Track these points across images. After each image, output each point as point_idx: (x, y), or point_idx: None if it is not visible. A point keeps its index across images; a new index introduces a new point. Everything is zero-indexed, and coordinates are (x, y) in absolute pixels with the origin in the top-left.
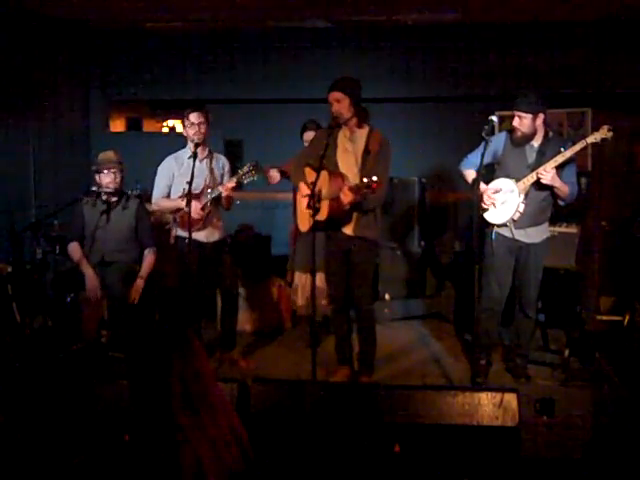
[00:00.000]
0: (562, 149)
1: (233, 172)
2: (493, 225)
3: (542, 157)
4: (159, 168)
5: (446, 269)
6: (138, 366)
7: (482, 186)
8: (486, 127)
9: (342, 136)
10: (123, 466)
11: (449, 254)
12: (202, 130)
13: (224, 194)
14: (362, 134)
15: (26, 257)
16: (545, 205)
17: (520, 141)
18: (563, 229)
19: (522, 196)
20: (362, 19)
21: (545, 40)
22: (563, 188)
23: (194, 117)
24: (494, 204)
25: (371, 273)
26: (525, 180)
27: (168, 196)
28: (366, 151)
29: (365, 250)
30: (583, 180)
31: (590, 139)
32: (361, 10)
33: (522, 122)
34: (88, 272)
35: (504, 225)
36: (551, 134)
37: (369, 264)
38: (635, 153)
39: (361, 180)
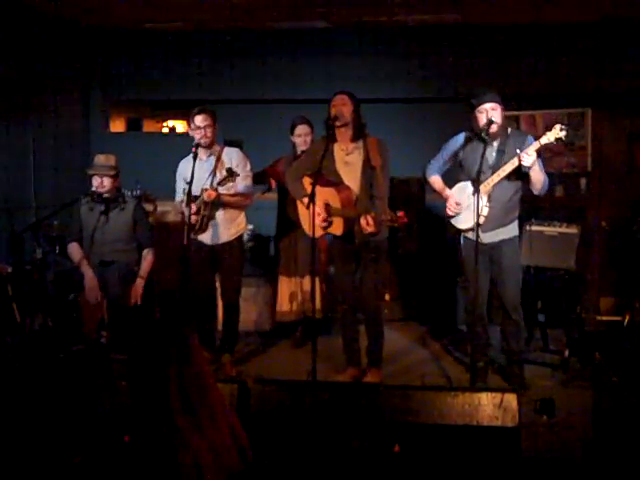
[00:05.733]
0: (518, 151)
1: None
2: (462, 230)
3: (502, 156)
4: (176, 173)
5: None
6: (137, 367)
7: (447, 191)
8: (486, 127)
9: (338, 149)
10: (123, 467)
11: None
12: (208, 133)
13: (206, 199)
14: (358, 146)
15: (26, 257)
16: (511, 206)
17: (494, 136)
18: (563, 229)
19: (485, 199)
20: (362, 19)
21: (545, 40)
22: (539, 175)
23: (199, 120)
24: (459, 209)
25: (382, 271)
26: (487, 183)
27: None
28: (369, 166)
29: (376, 249)
30: (583, 180)
31: (543, 140)
32: (361, 10)
33: (496, 113)
34: (88, 273)
35: (471, 230)
36: (510, 130)
37: (380, 262)
38: (635, 153)
39: (383, 210)
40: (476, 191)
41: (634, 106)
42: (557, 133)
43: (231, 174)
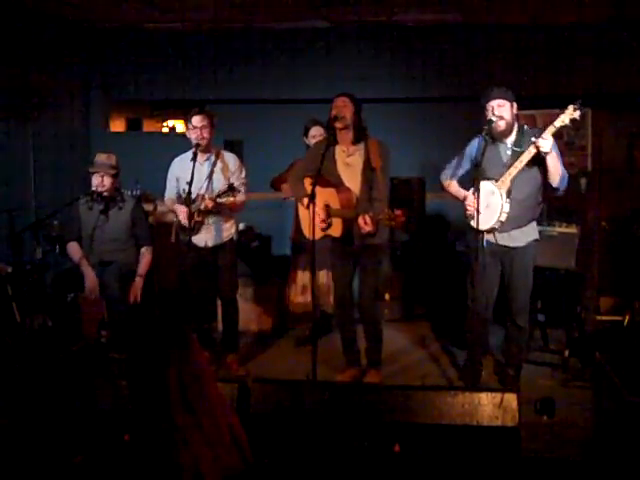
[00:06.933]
0: (533, 138)
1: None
2: (482, 231)
3: (519, 153)
4: (168, 170)
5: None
6: (136, 366)
7: (463, 193)
8: (486, 127)
9: (340, 151)
10: (123, 466)
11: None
12: (204, 134)
13: (203, 209)
14: (359, 147)
15: (26, 257)
16: (528, 205)
17: (502, 134)
18: (563, 229)
19: (504, 196)
20: (362, 19)
21: (545, 41)
22: (557, 163)
23: (196, 120)
24: (478, 210)
25: (379, 273)
26: (504, 178)
27: (179, 197)
28: (369, 167)
29: (375, 252)
30: (583, 180)
31: (558, 122)
32: (361, 10)
33: (504, 109)
34: (88, 272)
35: (493, 229)
36: (526, 127)
37: (378, 265)
38: (635, 153)
39: (380, 209)
40: (476, 190)
41: (634, 106)
42: (571, 114)
43: (232, 190)
